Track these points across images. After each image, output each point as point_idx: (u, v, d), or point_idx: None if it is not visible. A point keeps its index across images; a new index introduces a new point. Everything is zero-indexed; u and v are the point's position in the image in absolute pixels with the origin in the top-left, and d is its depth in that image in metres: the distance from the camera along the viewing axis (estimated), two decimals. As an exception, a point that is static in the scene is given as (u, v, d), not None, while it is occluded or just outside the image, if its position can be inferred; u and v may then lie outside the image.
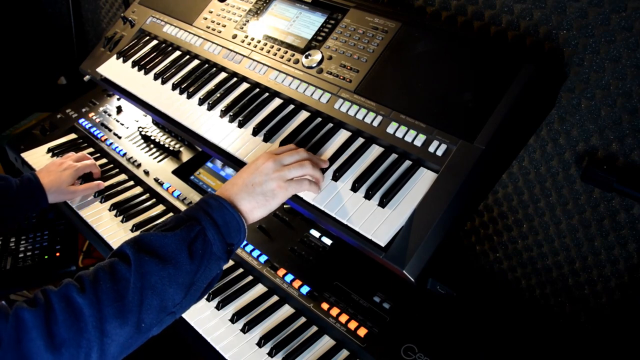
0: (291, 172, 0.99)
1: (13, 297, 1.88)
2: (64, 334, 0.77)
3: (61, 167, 1.50)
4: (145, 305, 0.84)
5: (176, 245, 0.87)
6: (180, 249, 0.87)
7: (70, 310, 0.79)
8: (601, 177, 1.04)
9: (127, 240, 0.90)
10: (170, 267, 0.86)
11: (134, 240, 0.89)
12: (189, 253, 0.88)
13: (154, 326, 0.86)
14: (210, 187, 1.59)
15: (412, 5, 1.30)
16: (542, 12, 1.06)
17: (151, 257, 0.86)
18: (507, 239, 1.37)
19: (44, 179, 1.45)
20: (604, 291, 1.23)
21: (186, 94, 1.35)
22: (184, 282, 0.88)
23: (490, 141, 0.96)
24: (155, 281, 0.85)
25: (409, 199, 0.99)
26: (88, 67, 1.62)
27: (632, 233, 1.11)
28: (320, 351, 1.15)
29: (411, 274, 0.91)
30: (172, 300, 0.87)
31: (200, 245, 0.89)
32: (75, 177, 1.51)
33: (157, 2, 1.64)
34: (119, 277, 0.84)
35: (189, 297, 0.90)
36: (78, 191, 1.52)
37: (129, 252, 0.87)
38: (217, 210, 0.93)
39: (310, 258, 1.32)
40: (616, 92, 1.02)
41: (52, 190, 1.45)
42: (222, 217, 0.92)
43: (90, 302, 0.80)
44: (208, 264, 0.90)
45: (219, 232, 0.91)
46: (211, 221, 0.91)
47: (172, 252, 0.87)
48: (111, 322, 0.81)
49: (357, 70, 1.17)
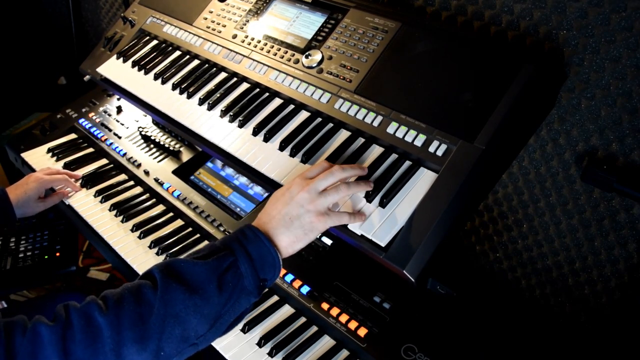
0: (327, 199, 0.94)
1: (13, 297, 1.89)
2: (79, 353, 0.76)
3: (27, 181, 1.50)
4: (166, 333, 0.81)
5: (206, 275, 0.84)
6: (210, 279, 0.84)
7: (89, 329, 0.77)
8: (601, 177, 1.04)
9: (158, 264, 0.87)
10: (196, 297, 0.83)
11: (164, 265, 0.86)
12: (218, 284, 0.85)
13: (173, 356, 0.83)
14: (211, 187, 1.59)
15: (412, 5, 1.30)
16: (542, 12, 1.06)
17: (179, 284, 0.83)
18: (507, 239, 1.37)
19: (11, 194, 1.45)
20: (604, 291, 1.23)
21: (186, 94, 1.35)
22: (210, 314, 0.84)
23: (490, 141, 0.96)
24: (179, 310, 0.82)
25: (409, 199, 0.99)
26: (88, 67, 1.62)
27: (632, 233, 1.11)
28: (320, 351, 1.15)
29: (411, 274, 0.91)
30: (195, 331, 0.84)
31: (231, 278, 0.86)
32: (41, 189, 1.50)
33: (157, 2, 1.64)
34: (144, 301, 0.81)
35: (214, 330, 0.86)
36: (46, 202, 1.52)
37: (157, 276, 0.84)
38: (253, 243, 0.89)
39: (310, 258, 1.32)
40: (616, 92, 1.02)
41: (20, 204, 1.45)
42: (258, 251, 0.89)
43: (110, 322, 0.78)
44: (238, 298, 0.87)
45: (252, 265, 0.88)
46: (245, 254, 0.88)
47: (201, 281, 0.84)
48: (129, 346, 0.78)
49: (357, 70, 1.17)
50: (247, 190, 1.55)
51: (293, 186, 0.96)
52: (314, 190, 0.94)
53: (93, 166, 1.70)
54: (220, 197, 1.55)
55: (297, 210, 0.93)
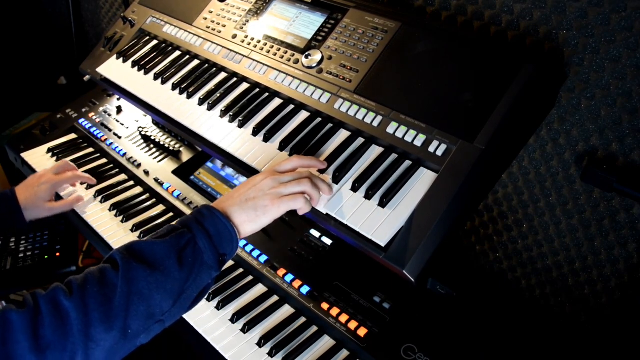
0: (287, 189, 0.99)
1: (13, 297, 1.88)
2: (49, 336, 0.78)
3: (39, 182, 1.45)
4: (131, 311, 0.83)
5: (165, 252, 0.87)
6: (169, 256, 0.87)
7: (57, 313, 0.80)
8: (601, 177, 1.04)
9: (118, 247, 0.90)
10: (158, 274, 0.86)
11: (124, 247, 0.89)
12: (178, 260, 0.88)
13: (141, 333, 0.86)
14: (210, 187, 1.59)
15: (412, 5, 1.30)
16: (542, 12, 1.06)
17: (139, 263, 0.86)
18: (507, 239, 1.37)
19: (20, 195, 1.41)
20: (604, 291, 1.23)
21: (186, 94, 1.35)
22: (173, 290, 0.87)
23: (490, 141, 0.96)
24: (142, 287, 0.84)
25: (409, 199, 0.99)
26: (88, 67, 1.62)
27: (632, 233, 1.11)
28: (320, 351, 1.15)
29: (411, 274, 0.91)
30: (159, 308, 0.86)
31: (190, 253, 0.89)
32: (52, 191, 1.47)
33: (157, 2, 1.64)
34: (107, 282, 0.84)
35: (178, 305, 0.89)
36: (55, 208, 1.47)
37: (118, 258, 0.87)
38: (210, 220, 0.93)
39: (310, 258, 1.32)
40: (616, 92, 1.02)
41: (29, 207, 1.42)
42: (215, 227, 0.92)
43: (76, 305, 0.81)
44: (199, 273, 0.90)
45: (210, 241, 0.91)
46: (203, 230, 0.91)
47: (161, 258, 0.87)
48: (97, 326, 0.81)
49: (357, 70, 1.17)
50: (247, 190, 1.55)
51: (260, 175, 1.03)
52: (278, 180, 1.00)
53: (93, 166, 1.70)
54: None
55: (256, 193, 0.99)
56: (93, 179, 1.59)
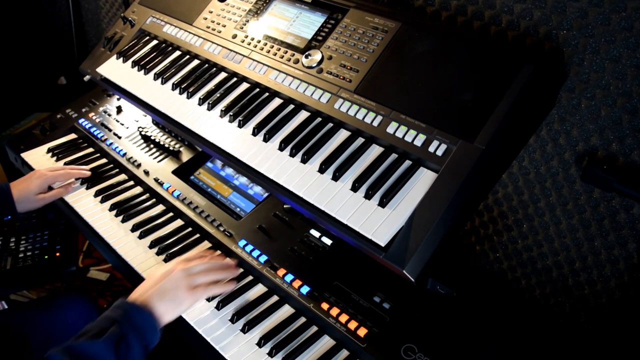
0: (199, 278, 1.14)
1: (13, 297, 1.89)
2: None
3: (32, 177, 1.55)
4: None
5: (105, 353, 0.96)
6: (109, 355, 0.96)
7: None
8: (601, 177, 1.04)
9: (56, 348, 0.95)
10: None
11: (62, 349, 0.94)
12: (116, 357, 0.97)
13: None
14: (210, 187, 1.59)
15: (412, 5, 1.30)
16: (542, 12, 1.06)
17: None
18: (507, 239, 1.37)
19: (14, 189, 1.52)
20: (604, 291, 1.23)
21: (186, 94, 1.35)
22: None
23: (490, 141, 0.96)
24: None
25: (409, 199, 0.99)
26: (88, 67, 1.62)
27: (632, 233, 1.11)
28: (320, 351, 1.15)
29: (411, 274, 0.91)
30: None
31: (124, 349, 0.98)
32: (43, 185, 1.55)
33: (157, 2, 1.64)
34: None
35: None
36: (46, 198, 1.55)
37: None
38: (137, 316, 1.03)
39: (310, 258, 1.32)
40: (616, 92, 1.02)
41: (21, 199, 1.51)
42: (142, 322, 1.02)
43: None
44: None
45: (139, 335, 1.00)
46: (131, 326, 1.00)
47: (103, 357, 0.95)
48: None
49: (357, 70, 1.17)
50: (247, 190, 1.55)
51: (171, 264, 1.17)
52: (188, 270, 1.14)
53: (93, 166, 1.70)
54: (220, 197, 1.55)
55: (170, 284, 1.11)
56: (87, 171, 1.62)
